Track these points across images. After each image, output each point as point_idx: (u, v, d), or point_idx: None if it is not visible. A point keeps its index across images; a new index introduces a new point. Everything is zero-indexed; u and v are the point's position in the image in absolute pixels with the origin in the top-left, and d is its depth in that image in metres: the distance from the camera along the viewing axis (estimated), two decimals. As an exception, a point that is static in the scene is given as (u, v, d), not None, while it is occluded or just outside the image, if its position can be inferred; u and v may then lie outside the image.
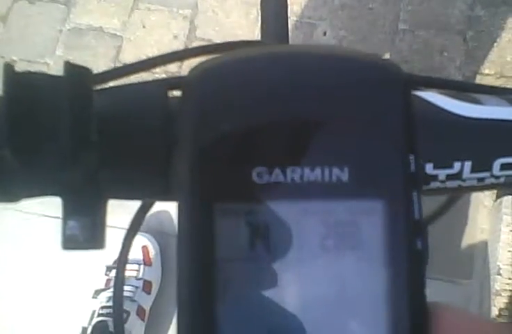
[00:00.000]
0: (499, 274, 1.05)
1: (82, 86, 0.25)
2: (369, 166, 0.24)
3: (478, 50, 1.45)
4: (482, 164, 0.29)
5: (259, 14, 0.62)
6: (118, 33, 1.54)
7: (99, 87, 0.30)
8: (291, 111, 0.24)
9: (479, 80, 1.42)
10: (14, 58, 1.51)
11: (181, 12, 1.54)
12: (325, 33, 1.49)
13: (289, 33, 0.62)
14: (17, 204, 0.27)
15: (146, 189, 0.29)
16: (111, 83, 0.32)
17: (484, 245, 1.21)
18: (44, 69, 1.48)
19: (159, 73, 1.41)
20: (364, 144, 0.24)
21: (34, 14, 1.56)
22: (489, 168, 0.30)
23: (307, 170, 0.24)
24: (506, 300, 1.04)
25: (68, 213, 0.26)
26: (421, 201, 0.24)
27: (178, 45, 1.51)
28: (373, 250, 0.23)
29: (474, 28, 1.46)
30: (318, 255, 0.23)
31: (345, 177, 0.24)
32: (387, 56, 1.46)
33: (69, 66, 0.25)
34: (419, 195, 0.24)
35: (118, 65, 1.50)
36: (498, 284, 1.05)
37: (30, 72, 0.26)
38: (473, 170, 0.29)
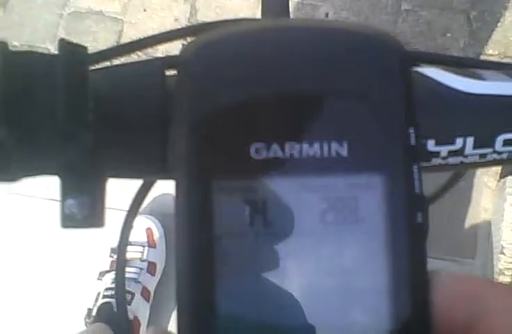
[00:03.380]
0: (503, 253, 1.05)
1: (77, 64, 0.25)
2: (369, 140, 0.24)
3: (481, 30, 1.44)
4: (484, 140, 0.29)
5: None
6: (119, 17, 1.53)
7: (95, 66, 0.30)
8: (287, 86, 0.24)
9: (483, 60, 1.41)
10: (15, 43, 1.51)
11: (182, -6, 1.53)
12: (327, 14, 1.48)
13: (291, 15, 0.62)
14: (23, 189, 0.27)
15: (144, 168, 0.29)
16: (108, 63, 0.32)
17: (488, 224, 1.21)
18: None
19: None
20: (363, 118, 0.24)
21: (34, -2, 1.55)
22: (491, 144, 0.29)
23: (305, 146, 0.23)
24: (509, 279, 1.04)
25: (66, 191, 0.26)
26: (422, 175, 0.24)
27: (179, 28, 1.50)
28: (374, 223, 0.23)
29: (478, 8, 1.45)
30: (318, 230, 0.23)
31: (344, 151, 0.23)
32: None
33: (64, 44, 0.25)
34: (419, 169, 0.24)
35: (119, 48, 1.50)
36: (501, 263, 1.05)
37: (25, 51, 0.26)
38: (475, 146, 0.29)
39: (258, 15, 0.63)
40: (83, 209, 0.26)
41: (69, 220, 0.26)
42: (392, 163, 0.24)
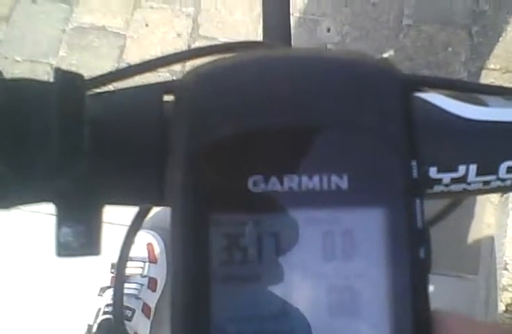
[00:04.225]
0: (506, 269, 1.05)
1: (73, 92, 0.25)
2: (370, 173, 0.23)
3: (483, 45, 1.44)
4: (488, 167, 0.29)
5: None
6: (121, 32, 1.54)
7: (93, 92, 0.29)
8: (286, 118, 0.24)
9: (485, 75, 1.41)
10: (18, 58, 1.51)
11: (184, 10, 1.54)
12: (328, 30, 1.49)
13: (293, 30, 0.62)
14: None
15: (141, 195, 0.28)
16: (107, 87, 0.32)
17: (491, 240, 1.20)
18: (47, 69, 1.48)
19: (163, 72, 1.41)
20: (363, 150, 0.24)
21: (37, 14, 1.56)
22: (495, 171, 0.29)
23: (304, 178, 0.23)
24: (513, 295, 1.03)
25: (61, 220, 0.26)
26: (424, 208, 0.24)
27: (181, 43, 1.51)
28: (376, 259, 0.23)
29: (479, 23, 1.45)
30: (319, 266, 0.23)
31: (344, 184, 0.23)
32: (391, 52, 1.45)
33: (59, 72, 0.25)
34: (421, 203, 0.24)
35: (122, 63, 1.50)
36: (505, 279, 1.04)
37: (19, 79, 0.26)
38: (478, 174, 0.29)
39: (260, 31, 0.63)
40: (79, 238, 0.26)
41: (64, 249, 0.26)
42: (393, 197, 0.23)
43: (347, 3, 1.50)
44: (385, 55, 1.45)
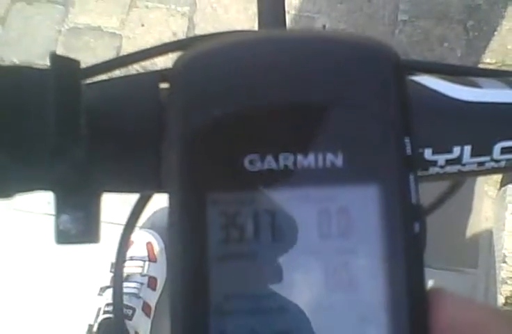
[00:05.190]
0: (505, 262, 1.05)
1: (69, 78, 0.25)
2: (364, 150, 0.24)
3: (478, 39, 1.44)
4: (482, 148, 0.29)
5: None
6: (117, 32, 1.54)
7: (89, 80, 0.30)
8: (280, 97, 0.24)
9: (481, 69, 1.41)
10: (14, 59, 1.52)
11: (179, 9, 1.54)
12: (324, 27, 1.49)
13: (289, 27, 0.62)
14: (23, 205, 0.27)
15: (139, 182, 0.28)
16: (102, 77, 0.32)
17: (489, 233, 1.20)
18: (44, 69, 1.48)
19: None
20: (357, 128, 0.24)
21: (32, 15, 1.56)
22: (489, 152, 0.29)
23: (300, 157, 0.23)
24: (512, 288, 1.03)
25: (60, 207, 0.26)
26: (418, 184, 0.24)
27: (177, 43, 1.51)
28: (371, 234, 0.23)
29: (474, 17, 1.45)
30: (315, 244, 0.23)
31: (339, 162, 0.23)
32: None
33: (55, 58, 0.25)
34: (415, 179, 0.24)
35: (118, 63, 1.50)
36: (504, 272, 1.04)
37: (15, 66, 0.26)
38: (473, 155, 0.29)
39: (255, 28, 0.63)
40: (78, 225, 0.25)
41: (63, 236, 0.25)
42: (388, 173, 0.24)
43: (342, 0, 1.50)
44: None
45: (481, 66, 1.41)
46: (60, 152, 0.24)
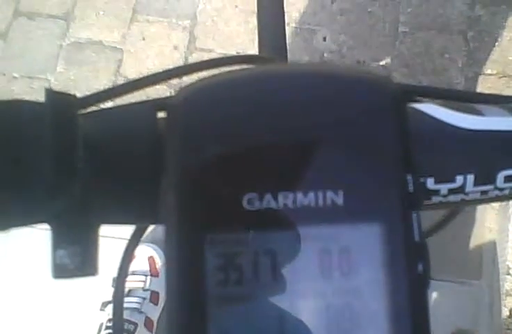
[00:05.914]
0: (509, 274, 1.04)
1: (65, 114, 0.25)
2: (365, 189, 0.23)
3: (479, 50, 1.44)
4: (485, 177, 0.28)
5: (258, 22, 0.62)
6: (118, 46, 1.55)
7: (86, 111, 0.29)
8: (279, 135, 0.24)
9: (482, 80, 1.41)
10: (16, 74, 1.52)
11: (180, 23, 1.54)
12: (325, 39, 1.49)
13: (289, 40, 0.62)
14: None
15: (136, 214, 0.28)
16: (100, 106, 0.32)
17: (493, 245, 1.20)
18: (45, 85, 1.49)
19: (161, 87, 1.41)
20: (358, 166, 0.23)
21: (34, 30, 1.57)
22: (493, 181, 0.29)
23: (299, 195, 0.23)
24: (517, 300, 1.02)
25: (57, 242, 0.25)
26: (421, 222, 0.24)
27: (178, 56, 1.51)
28: (374, 276, 0.23)
29: (475, 28, 1.46)
30: (317, 284, 0.23)
31: (340, 200, 0.23)
32: (387, 59, 1.45)
33: (50, 93, 0.25)
34: (418, 217, 0.24)
35: (119, 78, 1.51)
36: (508, 284, 1.03)
37: (9, 100, 0.26)
38: (476, 184, 0.28)
39: (256, 42, 0.63)
40: (75, 259, 0.25)
41: (60, 271, 0.25)
42: (390, 212, 0.23)
43: (342, 12, 1.50)
44: (382, 62, 1.45)
45: (482, 77, 1.41)
46: (57, 188, 0.24)
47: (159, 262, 1.20)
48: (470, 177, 0.28)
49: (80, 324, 1.21)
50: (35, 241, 1.28)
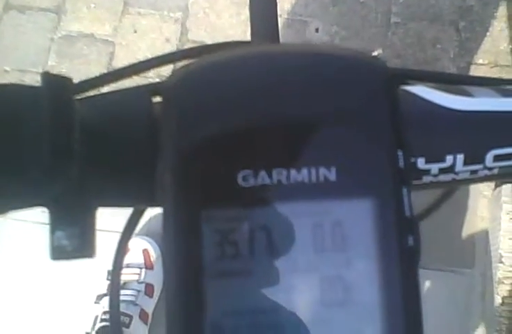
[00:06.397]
0: (501, 262, 1.05)
1: (62, 96, 0.25)
2: (357, 164, 0.24)
3: (471, 40, 1.44)
4: (474, 156, 0.29)
5: (250, 14, 0.62)
6: (110, 39, 1.54)
7: (81, 96, 0.29)
8: (273, 113, 0.24)
9: (474, 70, 1.41)
10: (7, 68, 1.51)
11: (172, 15, 1.54)
12: (317, 30, 1.49)
13: (281, 31, 0.62)
14: (16, 213, 0.27)
15: (133, 196, 0.28)
16: (95, 91, 0.32)
17: (485, 233, 1.20)
18: (37, 78, 1.48)
19: (153, 77, 1.41)
20: (350, 142, 0.24)
21: (25, 23, 1.56)
22: (482, 160, 0.29)
23: (293, 172, 0.23)
24: (509, 288, 1.03)
25: (55, 223, 0.26)
26: (411, 197, 0.24)
27: (171, 48, 1.51)
28: (365, 249, 0.23)
29: (466, 18, 1.46)
30: (310, 258, 0.23)
31: (332, 176, 0.23)
32: (379, 50, 1.46)
33: (47, 76, 0.25)
34: (409, 192, 0.24)
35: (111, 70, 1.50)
36: (500, 272, 1.04)
37: (7, 84, 0.26)
38: (466, 163, 0.29)
39: (248, 33, 0.63)
40: (73, 241, 0.26)
41: (58, 252, 0.25)
42: (381, 186, 0.24)
43: (335, 3, 1.50)
44: (374, 53, 1.45)
45: (474, 67, 1.41)
46: (54, 170, 0.24)
47: (154, 255, 1.20)
48: (460, 157, 0.29)
49: (75, 317, 1.22)
50: (29, 234, 1.28)
